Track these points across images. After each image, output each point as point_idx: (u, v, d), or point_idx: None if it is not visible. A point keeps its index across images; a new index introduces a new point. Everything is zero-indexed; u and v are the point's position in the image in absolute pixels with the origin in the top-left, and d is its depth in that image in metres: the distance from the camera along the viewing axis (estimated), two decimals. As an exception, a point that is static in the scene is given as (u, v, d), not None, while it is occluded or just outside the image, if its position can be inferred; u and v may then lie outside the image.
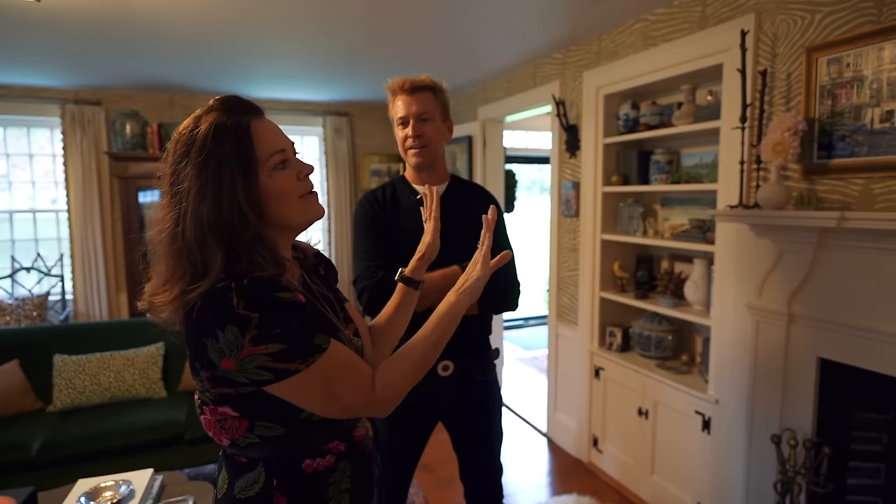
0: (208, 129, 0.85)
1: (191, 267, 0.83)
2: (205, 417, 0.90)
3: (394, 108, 1.60)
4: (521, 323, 6.28)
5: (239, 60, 3.22)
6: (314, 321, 0.86)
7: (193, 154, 0.85)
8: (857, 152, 1.67)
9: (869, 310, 1.65)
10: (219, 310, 0.80)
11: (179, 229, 0.84)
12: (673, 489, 2.45)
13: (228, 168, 0.84)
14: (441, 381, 1.61)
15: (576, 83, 2.98)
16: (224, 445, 0.90)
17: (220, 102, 0.89)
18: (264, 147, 0.88)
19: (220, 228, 0.83)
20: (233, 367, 0.80)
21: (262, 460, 0.89)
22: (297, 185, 0.92)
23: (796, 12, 1.84)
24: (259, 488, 0.89)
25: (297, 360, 0.82)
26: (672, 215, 2.67)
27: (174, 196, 0.85)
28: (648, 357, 2.63)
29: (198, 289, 0.81)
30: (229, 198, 0.84)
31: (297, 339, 0.82)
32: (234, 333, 0.79)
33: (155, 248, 0.88)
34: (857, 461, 1.79)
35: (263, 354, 0.80)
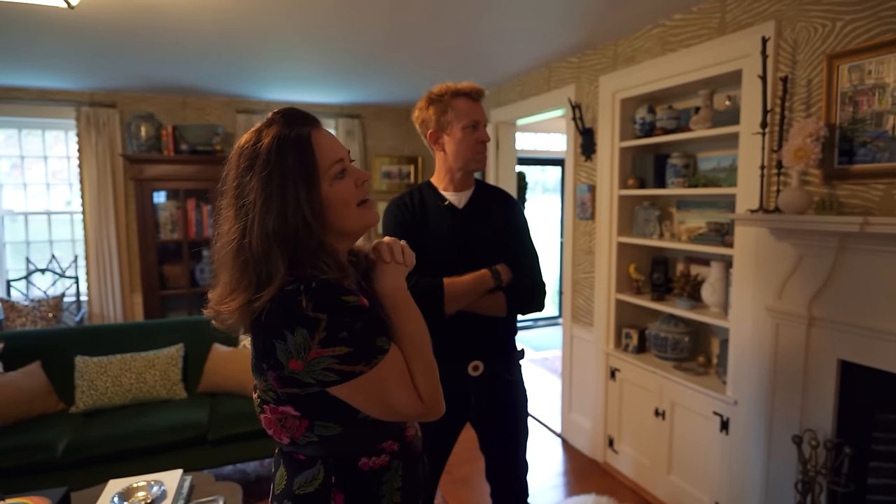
0: (271, 142, 0.88)
1: (256, 277, 0.86)
2: (265, 416, 0.93)
3: (456, 111, 1.61)
4: (531, 324, 6.31)
5: (254, 64, 3.25)
6: (377, 324, 0.90)
7: (258, 168, 0.88)
8: (879, 158, 1.70)
9: (889, 313, 1.68)
10: (288, 312, 0.83)
11: (246, 241, 0.87)
12: (690, 489, 2.48)
13: (292, 180, 0.87)
14: (472, 380, 1.64)
15: (591, 87, 3.01)
16: (283, 443, 0.94)
17: (280, 115, 0.92)
18: (325, 157, 0.91)
19: (285, 239, 0.86)
20: (300, 369, 0.84)
21: (320, 458, 0.92)
22: (356, 192, 0.95)
23: (817, 20, 1.87)
24: (318, 484, 0.92)
25: (362, 363, 0.85)
26: (688, 218, 2.70)
27: (240, 209, 0.88)
28: (665, 358, 2.66)
29: (262, 297, 0.85)
30: (294, 209, 0.87)
31: (363, 342, 0.85)
32: (304, 335, 0.82)
33: (220, 258, 0.92)
34: (877, 461, 1.82)
35: (330, 357, 0.83)
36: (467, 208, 1.69)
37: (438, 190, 1.71)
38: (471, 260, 1.62)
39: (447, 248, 1.64)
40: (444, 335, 1.60)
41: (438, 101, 1.64)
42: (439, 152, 1.69)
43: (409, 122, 4.98)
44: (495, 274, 1.61)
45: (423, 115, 1.67)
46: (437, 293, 1.55)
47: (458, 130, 1.62)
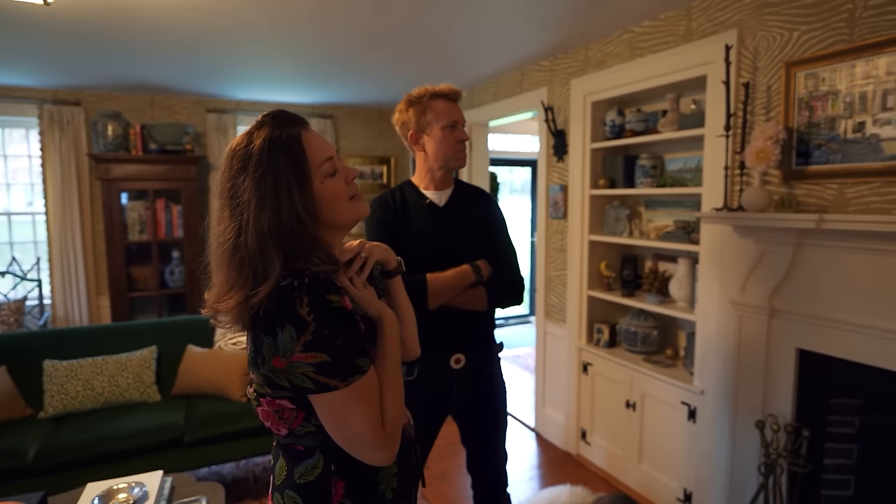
0: (263, 143, 0.91)
1: (252, 274, 0.89)
2: (262, 409, 0.95)
3: (435, 112, 1.66)
4: (503, 322, 6.40)
5: (227, 63, 3.22)
6: (358, 338, 0.91)
7: (251, 168, 0.90)
8: (832, 160, 1.82)
9: (842, 304, 1.80)
10: (283, 307, 0.86)
11: (242, 239, 0.89)
12: (660, 477, 2.59)
13: (285, 179, 0.90)
14: (454, 373, 1.69)
15: (563, 90, 3.10)
16: (281, 435, 0.96)
17: (270, 118, 0.95)
18: (315, 156, 0.95)
19: (280, 235, 0.89)
20: (283, 367, 0.86)
21: (319, 447, 0.95)
22: (346, 189, 0.99)
23: (776, 29, 1.98)
24: (318, 473, 0.95)
25: (338, 378, 0.86)
26: (656, 217, 2.82)
27: (234, 209, 0.91)
28: (635, 352, 2.77)
29: (260, 292, 0.87)
30: (288, 206, 0.90)
31: (342, 357, 0.87)
32: (291, 335, 0.85)
33: (216, 258, 0.94)
34: (832, 443, 1.94)
35: (309, 364, 0.85)
36: (448, 206, 1.74)
37: (419, 189, 1.75)
38: (452, 256, 1.67)
39: (429, 245, 1.69)
40: (427, 329, 1.64)
41: (417, 103, 1.69)
42: (420, 152, 1.73)
43: (381, 123, 5.01)
44: (476, 269, 1.67)
45: (403, 117, 1.72)
46: (421, 289, 1.59)
47: (438, 130, 1.67)
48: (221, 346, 3.05)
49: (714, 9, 2.21)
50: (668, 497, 2.54)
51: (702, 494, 2.37)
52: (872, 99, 1.70)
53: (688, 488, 2.44)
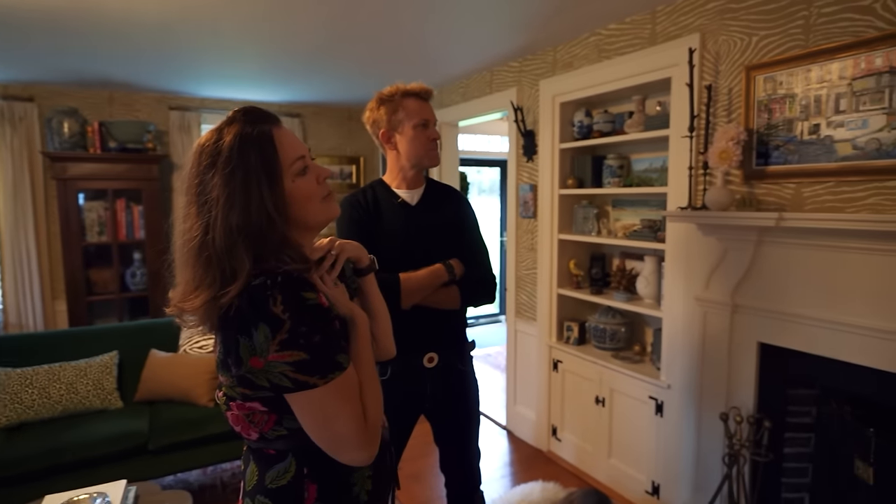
0: (233, 140, 0.89)
1: (220, 273, 0.87)
2: (232, 413, 0.93)
3: (407, 111, 1.66)
4: (472, 322, 6.43)
5: (190, 59, 3.14)
6: (337, 335, 0.90)
7: (220, 165, 0.88)
8: (790, 160, 1.89)
9: (798, 298, 1.88)
10: (256, 307, 0.84)
11: (209, 237, 0.87)
12: (629, 470, 2.64)
13: (255, 176, 0.88)
14: (427, 372, 1.69)
15: (532, 91, 3.13)
16: (252, 439, 0.94)
17: (242, 114, 0.93)
18: (287, 154, 0.93)
19: (249, 234, 0.87)
20: (261, 367, 0.84)
21: (290, 451, 0.93)
22: (318, 188, 0.97)
23: (736, 34, 2.05)
24: (290, 477, 0.93)
25: (317, 375, 0.85)
26: (623, 216, 2.88)
27: (202, 206, 0.88)
28: (604, 349, 2.82)
29: (230, 292, 0.85)
30: (257, 204, 0.88)
31: (321, 353, 0.85)
32: (266, 334, 0.83)
33: (181, 256, 0.91)
34: (791, 432, 2.02)
35: (287, 363, 0.83)
36: (420, 205, 1.74)
37: (391, 188, 1.75)
38: (424, 255, 1.67)
39: (401, 244, 1.69)
40: (400, 329, 1.63)
41: (389, 102, 1.68)
42: (392, 151, 1.72)
43: (351, 122, 4.96)
44: (449, 268, 1.67)
45: (374, 116, 1.71)
46: (394, 288, 1.58)
47: (410, 129, 1.67)
48: (187, 350, 2.97)
49: (678, 13, 2.27)
50: (637, 490, 2.59)
51: (669, 486, 2.43)
52: (826, 102, 1.78)
53: (656, 481, 2.50)
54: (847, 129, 1.73)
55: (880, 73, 1.64)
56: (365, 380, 0.95)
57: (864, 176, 1.70)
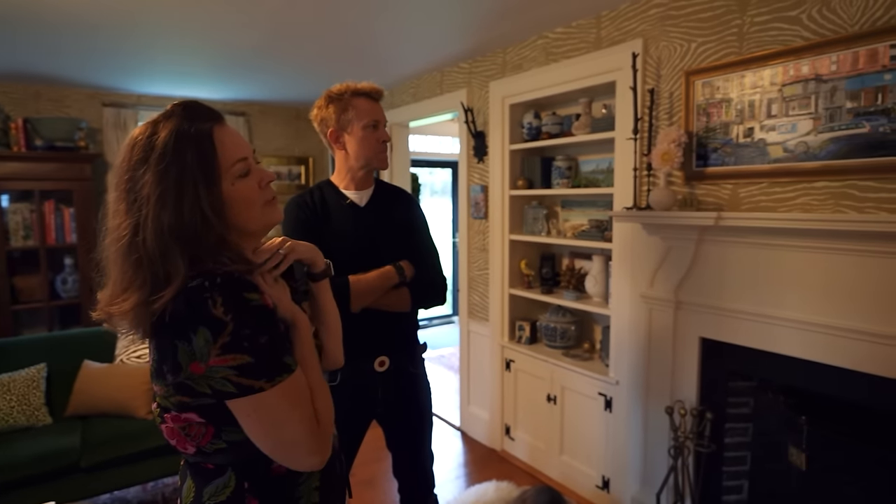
0: (169, 136, 0.84)
1: (152, 276, 0.81)
2: (167, 426, 0.87)
3: (357, 110, 1.62)
4: (426, 323, 6.41)
5: (126, 54, 2.98)
6: (283, 337, 0.86)
7: (153, 161, 0.83)
8: (727, 162, 1.98)
9: (737, 295, 1.96)
10: (193, 310, 0.79)
11: (139, 238, 0.82)
12: (581, 466, 2.69)
13: (191, 176, 0.83)
14: (378, 376, 1.66)
15: (482, 92, 3.15)
16: (189, 454, 0.88)
17: (181, 108, 0.88)
18: (227, 155, 0.88)
19: (182, 237, 0.82)
20: (202, 372, 0.79)
21: (230, 465, 0.89)
22: (259, 193, 0.92)
23: (676, 40, 2.12)
24: (230, 492, 0.88)
25: (264, 378, 0.81)
26: (572, 216, 2.93)
27: (132, 204, 0.83)
28: (555, 347, 2.86)
29: (163, 297, 0.80)
30: (192, 205, 0.83)
31: (267, 355, 0.82)
32: (206, 337, 0.79)
33: (109, 255, 0.85)
34: (731, 423, 2.11)
35: (229, 367, 0.79)
36: (369, 206, 1.71)
37: (339, 189, 1.71)
38: (374, 257, 1.64)
39: (350, 246, 1.65)
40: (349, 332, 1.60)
41: (338, 100, 1.64)
42: (340, 151, 1.68)
43: (299, 122, 4.84)
44: (399, 270, 1.64)
45: (322, 114, 1.66)
46: (344, 291, 1.55)
47: (359, 129, 1.63)
48: (124, 360, 2.81)
49: (621, 18, 2.33)
50: (588, 485, 2.64)
51: (619, 480, 2.48)
52: (759, 107, 1.86)
53: (606, 475, 2.55)
54: (778, 133, 1.82)
55: (807, 80, 1.73)
56: (314, 381, 0.91)
57: (794, 177, 1.79)
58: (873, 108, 1.59)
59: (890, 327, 1.58)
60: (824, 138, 1.70)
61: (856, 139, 1.63)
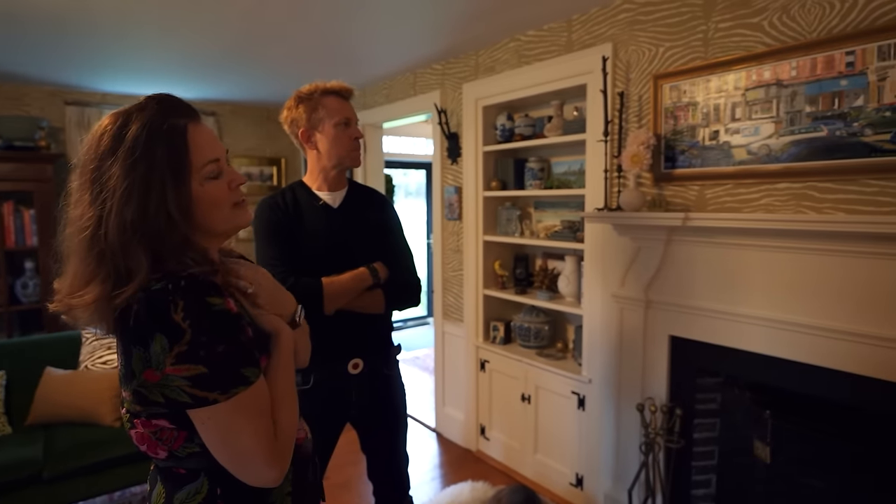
0: (140, 129, 0.82)
1: (114, 270, 0.80)
2: (136, 431, 0.85)
3: (327, 109, 1.61)
4: (401, 324, 6.39)
5: (90, 50, 2.89)
6: (244, 346, 0.84)
7: (122, 154, 0.81)
8: (694, 164, 2.03)
9: (704, 293, 2.01)
10: (153, 315, 0.78)
11: (102, 231, 0.80)
12: (555, 464, 2.72)
13: (159, 173, 0.82)
14: (352, 378, 1.65)
15: (456, 94, 3.16)
16: (160, 458, 0.87)
17: (155, 102, 0.86)
18: (199, 155, 0.86)
19: (145, 233, 0.80)
20: (157, 381, 0.78)
21: (203, 470, 0.87)
22: (229, 195, 0.91)
23: (644, 45, 2.17)
24: (202, 498, 0.87)
25: (218, 390, 0.79)
26: (545, 217, 2.96)
27: (96, 195, 0.81)
28: (528, 347, 2.89)
29: (125, 292, 0.78)
30: (158, 203, 0.81)
31: (223, 367, 0.80)
32: (163, 345, 0.77)
33: (69, 245, 0.84)
34: (700, 419, 2.16)
35: (184, 378, 0.77)
36: (343, 207, 1.70)
37: (312, 189, 1.69)
38: (348, 259, 1.63)
39: (324, 247, 1.64)
40: (323, 335, 1.58)
41: (308, 100, 1.63)
42: (312, 151, 1.67)
43: (270, 123, 4.78)
44: (373, 272, 1.64)
45: (292, 115, 1.65)
46: (317, 293, 1.53)
47: (331, 128, 1.62)
48: (88, 367, 2.73)
49: (591, 22, 2.36)
50: (562, 483, 2.67)
51: (592, 477, 2.52)
52: (724, 110, 1.92)
53: (579, 473, 2.59)
54: (742, 136, 1.87)
55: (769, 84, 1.79)
56: (282, 395, 0.90)
57: (758, 179, 1.85)
58: (830, 112, 1.65)
59: (850, 324, 1.64)
60: (785, 141, 1.76)
61: (815, 142, 1.69)
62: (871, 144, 1.57)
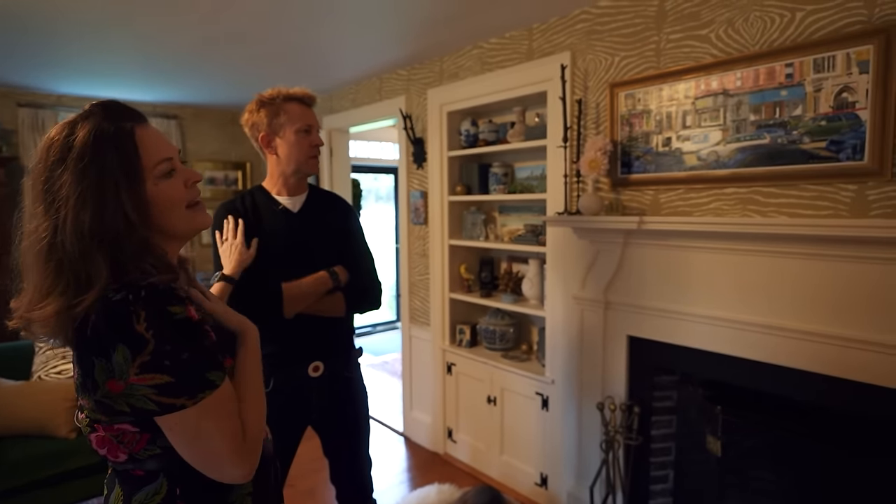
0: (87, 135, 0.82)
1: (74, 279, 0.80)
2: (97, 435, 0.85)
3: (289, 115, 1.61)
4: (370, 329, 6.36)
5: (43, 50, 2.81)
6: (208, 351, 0.85)
7: (71, 161, 0.81)
8: (648, 169, 2.10)
9: (659, 294, 2.08)
10: (113, 326, 0.78)
11: (58, 240, 0.80)
12: (520, 465, 2.76)
13: (111, 176, 0.82)
14: (312, 382, 1.65)
15: (421, 99, 3.18)
16: (119, 461, 0.86)
17: (100, 108, 0.86)
18: (150, 155, 0.86)
19: (103, 237, 0.80)
20: (121, 391, 0.78)
21: (163, 471, 0.87)
22: (185, 193, 0.91)
23: (601, 54, 2.24)
24: (161, 499, 0.87)
25: (185, 396, 0.80)
26: (509, 221, 3.01)
27: (49, 205, 0.81)
28: (494, 349, 2.93)
29: (84, 301, 0.78)
30: (114, 206, 0.81)
31: (188, 374, 0.81)
32: (125, 355, 0.77)
33: (26, 260, 0.83)
34: (657, 416, 2.23)
35: (148, 386, 0.78)
36: (303, 212, 1.70)
37: (272, 194, 1.69)
38: (308, 263, 1.64)
39: (284, 252, 1.64)
40: (283, 338, 1.59)
41: (270, 104, 1.63)
42: (271, 156, 1.67)
43: (235, 126, 4.71)
44: (333, 275, 1.65)
45: (253, 119, 1.65)
46: (276, 297, 1.54)
47: (292, 134, 1.63)
48: (42, 377, 2.64)
49: (551, 31, 2.43)
50: (528, 483, 2.71)
51: (556, 476, 2.57)
52: (675, 118, 1.99)
53: (544, 472, 2.63)
54: (692, 143, 1.95)
55: (716, 94, 1.87)
56: (249, 394, 0.91)
57: (707, 184, 1.93)
58: (772, 121, 1.74)
59: (796, 322, 1.72)
60: (732, 148, 1.84)
61: (759, 149, 1.78)
62: (808, 152, 1.66)
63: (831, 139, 1.62)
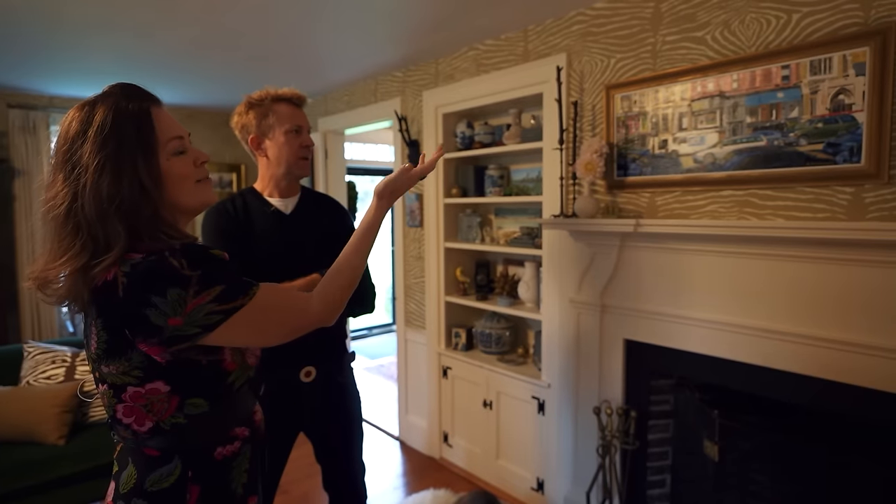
0: (107, 111, 0.88)
1: (92, 242, 0.85)
2: (125, 405, 0.89)
3: (278, 116, 1.60)
4: (366, 332, 6.33)
5: (34, 51, 2.78)
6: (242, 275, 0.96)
7: (92, 134, 0.86)
8: (644, 171, 2.09)
9: (655, 297, 2.07)
10: (161, 276, 0.83)
11: (78, 204, 0.84)
12: (516, 469, 2.74)
13: (129, 147, 0.88)
14: (305, 387, 1.63)
15: (416, 101, 3.17)
16: (142, 432, 0.90)
17: (119, 88, 0.92)
18: (164, 132, 0.92)
19: (121, 206, 0.85)
20: (181, 323, 0.84)
21: (178, 452, 0.92)
22: (194, 170, 0.97)
23: (597, 56, 2.23)
24: (174, 480, 0.91)
25: (241, 296, 0.89)
26: (505, 224, 3.00)
27: (70, 172, 0.86)
28: (490, 353, 2.90)
29: (104, 262, 0.83)
30: (131, 173, 0.87)
31: (235, 280, 0.90)
32: (178, 293, 0.83)
33: (44, 225, 0.88)
34: (654, 420, 2.21)
35: (208, 301, 0.85)
36: (295, 214, 1.68)
37: (263, 196, 1.67)
38: (300, 265, 1.61)
39: (276, 254, 1.62)
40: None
41: (259, 106, 1.62)
42: (262, 158, 1.66)
43: (229, 128, 4.65)
44: None
45: (242, 120, 1.64)
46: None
47: (281, 135, 1.61)
48: (30, 382, 2.60)
49: (546, 33, 2.41)
50: (524, 488, 2.69)
51: (552, 481, 2.54)
52: (672, 120, 1.98)
53: (540, 477, 2.61)
54: (689, 145, 1.94)
55: (712, 96, 1.86)
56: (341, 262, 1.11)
57: (704, 186, 1.92)
58: (769, 123, 1.73)
59: (793, 326, 1.71)
60: (728, 150, 1.83)
61: (755, 151, 1.77)
62: (805, 154, 1.65)
63: (828, 141, 1.61)
